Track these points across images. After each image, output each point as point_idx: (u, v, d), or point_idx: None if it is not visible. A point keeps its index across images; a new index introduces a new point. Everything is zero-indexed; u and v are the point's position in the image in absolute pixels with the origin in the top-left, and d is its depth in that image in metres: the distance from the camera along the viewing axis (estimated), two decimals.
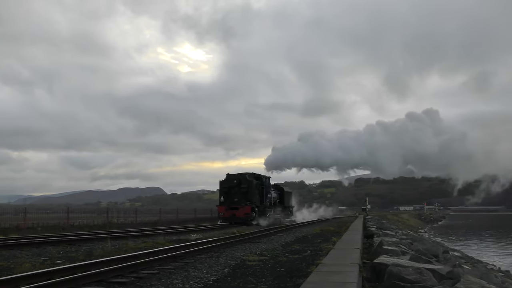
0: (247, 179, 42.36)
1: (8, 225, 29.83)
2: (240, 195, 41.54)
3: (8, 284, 8.51)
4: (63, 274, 9.86)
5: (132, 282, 9.72)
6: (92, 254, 14.68)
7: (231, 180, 42.32)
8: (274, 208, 48.21)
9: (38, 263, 12.20)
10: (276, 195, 50.25)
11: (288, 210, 54.91)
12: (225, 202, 41.63)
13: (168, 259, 13.22)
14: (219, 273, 11.26)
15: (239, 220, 40.12)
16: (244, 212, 40.64)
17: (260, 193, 44.38)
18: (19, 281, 8.84)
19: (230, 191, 41.89)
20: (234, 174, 43.25)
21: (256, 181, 43.92)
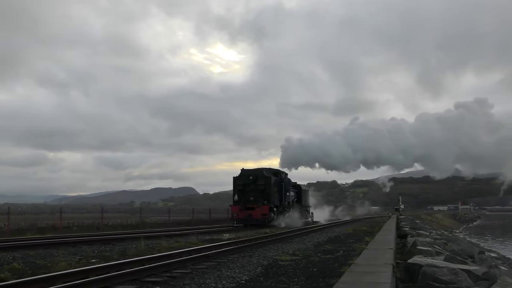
0: (265, 175, 37.48)
1: (44, 225, 30.40)
2: (257, 193, 36.76)
3: (45, 283, 8.66)
4: (98, 273, 10.00)
5: (165, 281, 9.79)
6: (126, 254, 14.85)
7: (246, 177, 37.50)
8: (292, 208, 43.46)
9: (73, 262, 12.39)
10: (293, 194, 45.31)
11: (306, 210, 49.51)
12: (240, 201, 36.89)
13: (201, 258, 13.27)
14: (251, 272, 11.27)
15: (256, 221, 35.69)
16: (261, 212, 35.88)
17: (280, 191, 39.69)
18: (55, 279, 8.99)
19: (245, 189, 37.12)
20: (249, 170, 38.60)
21: (275, 178, 39.10)
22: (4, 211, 28.95)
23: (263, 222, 35.58)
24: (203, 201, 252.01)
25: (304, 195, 48.80)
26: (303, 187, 49.30)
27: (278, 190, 39.27)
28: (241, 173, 38.04)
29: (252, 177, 37.14)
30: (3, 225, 27.62)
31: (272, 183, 37.59)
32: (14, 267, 10.98)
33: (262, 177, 37.22)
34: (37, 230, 28.06)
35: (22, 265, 11.61)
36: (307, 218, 48.80)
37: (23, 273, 10.61)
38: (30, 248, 16.38)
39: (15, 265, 11.29)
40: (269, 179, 37.19)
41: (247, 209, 36.21)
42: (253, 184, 36.94)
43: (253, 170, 38.45)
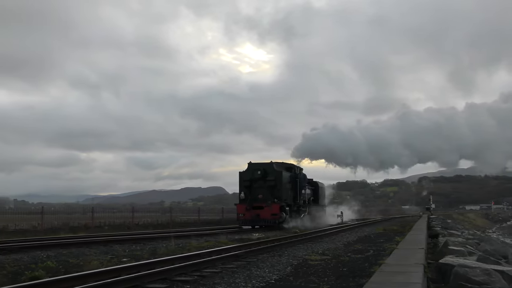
0: (275, 169, 33.01)
1: (77, 224, 30.87)
2: (266, 190, 32.31)
3: (77, 281, 8.79)
4: (128, 271, 10.12)
5: (195, 280, 9.85)
6: (156, 253, 14.98)
7: (253, 171, 32.86)
8: (309, 207, 39.20)
9: (105, 260, 12.55)
10: (310, 192, 40.79)
11: (322, 210, 45.25)
12: (247, 199, 32.37)
13: (230, 258, 13.30)
14: (281, 272, 11.27)
15: (265, 222, 31.65)
16: (270, 212, 31.41)
17: (294, 188, 35.39)
18: (87, 278, 9.12)
19: (252, 185, 32.68)
20: (258, 163, 33.51)
21: (288, 173, 35.05)
22: (38, 211, 29.52)
23: (273, 223, 31.48)
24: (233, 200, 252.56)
25: (322, 193, 45.12)
26: (320, 184, 45.11)
27: (292, 187, 35.15)
28: (248, 167, 33.43)
29: (260, 171, 32.60)
30: (37, 224, 28.13)
31: (284, 179, 33.40)
32: (48, 266, 11.17)
33: (272, 171, 32.83)
34: (70, 229, 28.50)
35: (55, 264, 11.81)
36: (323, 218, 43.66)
37: (56, 271, 10.79)
38: (63, 247, 16.64)
39: (49, 263, 11.48)
40: (279, 174, 32.86)
41: (255, 209, 31.90)
42: (261, 180, 32.55)
43: (262, 164, 33.50)
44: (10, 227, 26.84)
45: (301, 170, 38.42)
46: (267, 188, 32.41)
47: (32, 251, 15.18)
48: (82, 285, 8.26)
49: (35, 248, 15.85)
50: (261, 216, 31.59)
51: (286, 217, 32.43)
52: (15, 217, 29.53)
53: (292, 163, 37.67)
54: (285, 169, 35.06)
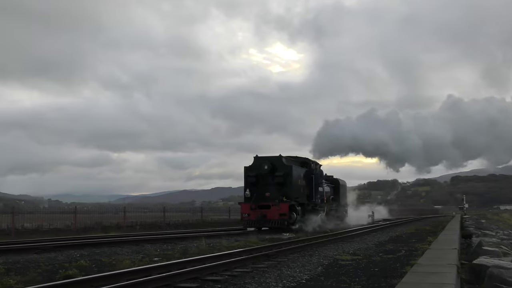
0: (284, 163, 29.36)
1: (109, 223, 31.24)
2: (274, 188, 28.64)
3: (110, 280, 8.90)
4: (160, 271, 10.20)
5: (226, 280, 9.87)
6: (187, 252, 15.07)
7: (260, 166, 29.12)
8: (327, 207, 35.33)
9: (137, 260, 12.68)
10: (329, 190, 37.29)
11: (344, 210, 41.59)
12: (252, 197, 28.85)
13: (261, 257, 13.31)
14: (312, 272, 11.23)
15: (272, 224, 27.93)
16: (279, 212, 27.76)
17: (309, 185, 31.76)
18: (119, 277, 9.24)
19: (259, 182, 29.03)
20: (264, 157, 29.76)
21: (301, 168, 31.45)
22: (71, 210, 29.99)
23: (282, 224, 27.78)
24: None
25: (343, 191, 41.28)
26: (341, 181, 41.28)
27: (306, 183, 31.42)
28: (254, 161, 29.73)
29: (268, 166, 28.88)
30: (70, 224, 28.57)
31: (295, 174, 29.60)
32: (81, 264, 11.34)
33: (281, 166, 29.11)
34: (102, 229, 28.87)
35: (88, 263, 11.98)
36: (345, 219, 40.53)
37: (89, 270, 10.94)
38: (96, 246, 16.86)
39: (82, 262, 11.65)
40: (289, 169, 29.10)
41: (261, 208, 28.28)
42: (269, 176, 28.90)
43: (270, 157, 29.67)
44: (44, 226, 27.31)
45: (318, 165, 34.60)
46: (275, 185, 28.72)
47: (66, 250, 15.43)
48: (115, 284, 8.35)
49: (69, 247, 16.10)
50: (268, 216, 27.98)
51: (297, 217, 28.72)
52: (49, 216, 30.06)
53: (307, 157, 33.55)
54: (299, 163, 31.78)
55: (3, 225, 25.44)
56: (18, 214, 27.05)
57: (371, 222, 44.61)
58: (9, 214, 25.88)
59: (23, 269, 10.95)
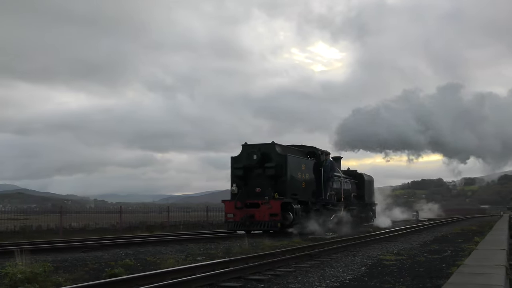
0: (278, 152, 23.93)
1: (153, 223, 31.64)
2: (266, 182, 23.43)
3: (155, 278, 9.03)
4: (203, 270, 10.28)
5: (269, 279, 9.89)
6: (230, 252, 15.16)
7: (249, 155, 23.92)
8: (347, 206, 30.40)
9: (181, 259, 12.81)
10: (351, 187, 32.36)
11: (370, 210, 36.30)
12: (239, 194, 23.79)
13: (304, 257, 13.27)
14: (355, 272, 11.15)
15: (261, 226, 22.96)
16: (269, 211, 22.69)
17: (317, 180, 26.56)
18: (164, 275, 9.36)
19: (247, 175, 24.04)
20: (254, 145, 24.48)
21: (301, 159, 25.92)
22: (116, 210, 30.49)
23: (273, 226, 22.87)
24: None
25: (368, 188, 35.58)
26: (366, 176, 35.75)
27: (313, 178, 26.35)
28: (242, 151, 24.60)
29: (257, 156, 23.61)
30: (115, 223, 29.07)
31: (293, 166, 24.34)
32: (126, 263, 11.53)
33: (274, 155, 23.79)
34: (146, 228, 29.27)
35: (133, 261, 12.18)
36: (371, 221, 35.96)
37: (134, 269, 11.12)
38: (140, 245, 17.12)
39: (127, 261, 11.86)
40: (284, 159, 23.69)
41: (248, 207, 23.35)
42: (259, 167, 23.71)
43: (261, 145, 24.38)
44: (91, 225, 27.87)
45: (329, 155, 29.07)
46: (267, 179, 23.50)
47: (111, 249, 15.71)
48: (159, 283, 8.47)
49: (114, 246, 16.39)
50: (257, 217, 22.97)
51: (294, 218, 23.30)
52: (96, 216, 30.62)
53: (314, 147, 28.01)
54: (302, 153, 26.89)
55: (51, 224, 26.08)
56: (66, 214, 27.68)
57: (415, 221, 43.53)
58: (57, 214, 26.49)
59: (71, 267, 11.21)
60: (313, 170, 26.51)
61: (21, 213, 30.10)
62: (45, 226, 25.64)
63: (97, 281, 8.55)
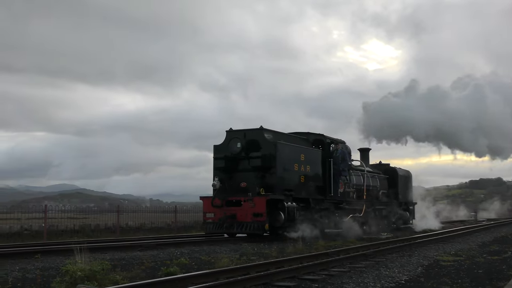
0: (266, 140, 19.48)
1: None
2: (253, 175, 19.32)
3: (210, 277, 9.13)
4: (258, 269, 10.32)
5: (323, 279, 9.84)
6: (284, 251, 15.15)
7: (232, 144, 19.93)
8: (373, 205, 26.04)
9: (235, 258, 12.89)
10: (380, 183, 27.60)
11: (407, 210, 30.81)
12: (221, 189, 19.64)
13: (358, 257, 13.17)
14: (411, 272, 10.98)
15: (243, 228, 18.82)
16: (252, 210, 18.46)
17: (324, 174, 21.78)
18: (219, 274, 9.44)
19: (231, 167, 19.88)
20: (239, 131, 20.21)
21: (302, 149, 21.08)
22: (171, 209, 30.90)
23: (256, 229, 18.46)
24: None
25: (403, 184, 30.39)
26: (401, 171, 30.77)
27: (322, 171, 21.76)
28: (226, 138, 20.41)
29: (241, 144, 19.60)
30: (170, 222, 29.47)
31: (287, 155, 19.72)
32: (181, 262, 11.68)
33: (262, 143, 19.40)
34: (201, 228, 29.54)
35: (188, 260, 12.32)
36: (409, 222, 30.91)
37: (189, 267, 11.25)
38: (195, 244, 17.30)
39: (182, 260, 12.00)
40: (273, 147, 19.14)
41: (230, 205, 19.19)
42: (244, 158, 19.62)
43: (247, 131, 20.05)
44: (146, 224, 28.34)
45: (340, 144, 23.07)
46: (253, 171, 19.34)
47: (167, 248, 15.95)
48: (214, 282, 8.56)
49: (169, 245, 16.63)
50: (238, 217, 18.79)
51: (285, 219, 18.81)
52: (151, 215, 31.08)
53: (321, 134, 23.08)
54: (306, 142, 22.29)
55: (109, 223, 26.67)
56: (123, 213, 28.21)
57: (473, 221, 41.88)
58: (114, 213, 27.05)
59: (128, 265, 11.44)
60: (320, 161, 21.76)
61: (80, 212, 30.93)
62: (103, 225, 26.24)
63: (153, 280, 8.71)
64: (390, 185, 28.93)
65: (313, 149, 22.06)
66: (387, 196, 28.21)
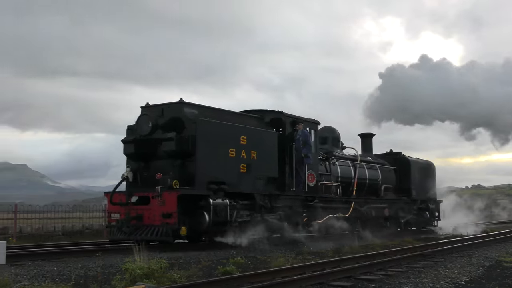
0: (186, 116, 14.48)
1: None
2: (167, 163, 14.56)
3: (266, 276, 9.19)
4: (314, 269, 10.32)
5: (380, 279, 9.75)
6: (340, 251, 15.07)
7: (142, 122, 14.99)
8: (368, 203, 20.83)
9: (291, 258, 12.89)
10: (382, 175, 22.36)
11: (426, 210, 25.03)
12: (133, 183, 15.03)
13: (416, 257, 13.00)
14: (471, 273, 10.74)
15: (148, 233, 13.85)
16: (161, 210, 13.63)
17: (283, 161, 16.94)
18: (275, 274, 9.51)
19: (144, 153, 14.97)
20: (154, 106, 15.40)
21: (242, 129, 15.72)
22: None
23: (166, 234, 13.67)
24: None
25: (419, 178, 24.57)
26: (416, 161, 25.09)
27: (280, 159, 16.76)
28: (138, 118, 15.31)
29: (152, 122, 14.66)
30: None
31: (214, 137, 14.71)
32: (238, 261, 11.76)
33: (180, 120, 14.55)
34: None
35: (244, 259, 12.40)
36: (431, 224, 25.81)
37: (246, 267, 11.34)
38: None
39: (238, 259, 12.08)
40: (192, 126, 14.28)
41: (136, 203, 14.70)
42: (157, 141, 14.66)
43: (164, 105, 15.19)
44: None
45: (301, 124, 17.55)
46: (168, 158, 14.52)
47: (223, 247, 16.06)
48: (271, 281, 8.61)
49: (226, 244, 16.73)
50: (145, 219, 14.11)
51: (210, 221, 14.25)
52: None
53: (280, 111, 17.87)
54: (258, 121, 17.25)
55: None
56: None
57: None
58: None
59: (185, 264, 11.59)
60: (275, 146, 16.66)
61: None
62: None
63: (210, 279, 8.85)
64: (400, 179, 23.79)
65: (263, 130, 16.85)
66: (395, 192, 23.25)
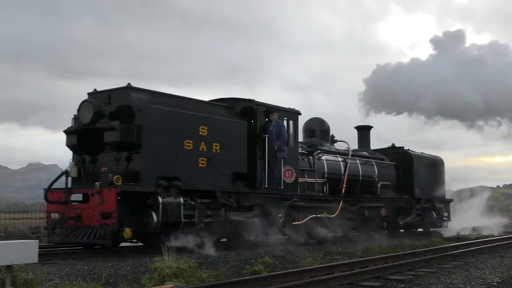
0: (134, 103, 12.31)
1: None
2: (112, 156, 12.45)
3: (294, 276, 9.19)
4: (342, 269, 10.28)
5: (409, 279, 9.65)
6: (369, 251, 14.98)
7: (84, 110, 12.67)
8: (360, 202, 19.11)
9: (319, 258, 12.85)
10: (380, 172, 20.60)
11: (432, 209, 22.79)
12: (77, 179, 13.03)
13: (446, 257, 12.83)
14: (503, 274, 10.55)
15: (85, 235, 11.79)
16: (100, 209, 11.60)
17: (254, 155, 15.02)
18: (303, 273, 9.49)
19: (86, 145, 12.98)
20: (99, 93, 13.21)
21: (202, 118, 13.72)
22: None
23: (102, 236, 11.60)
24: None
25: (424, 174, 22.49)
26: (420, 157, 23.07)
27: (249, 152, 14.97)
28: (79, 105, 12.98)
29: (93, 111, 12.46)
30: None
31: (167, 127, 12.80)
32: (266, 261, 11.77)
33: (126, 107, 12.41)
34: None
35: (272, 259, 12.41)
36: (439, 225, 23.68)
37: (273, 266, 11.34)
38: None
39: (266, 259, 12.08)
40: (141, 115, 12.27)
41: (75, 202, 12.86)
42: (99, 131, 12.54)
43: (112, 91, 12.97)
44: None
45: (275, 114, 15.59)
46: (111, 150, 12.63)
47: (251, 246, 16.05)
48: (299, 281, 8.60)
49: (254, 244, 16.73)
50: (84, 219, 12.12)
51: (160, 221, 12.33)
52: None
53: (251, 100, 15.72)
54: (227, 111, 15.43)
55: None
56: None
57: None
58: None
59: (213, 263, 11.64)
60: (244, 138, 14.94)
61: None
62: None
63: (239, 278, 8.88)
64: (401, 175, 22.07)
65: (229, 119, 14.91)
66: (396, 190, 21.57)
